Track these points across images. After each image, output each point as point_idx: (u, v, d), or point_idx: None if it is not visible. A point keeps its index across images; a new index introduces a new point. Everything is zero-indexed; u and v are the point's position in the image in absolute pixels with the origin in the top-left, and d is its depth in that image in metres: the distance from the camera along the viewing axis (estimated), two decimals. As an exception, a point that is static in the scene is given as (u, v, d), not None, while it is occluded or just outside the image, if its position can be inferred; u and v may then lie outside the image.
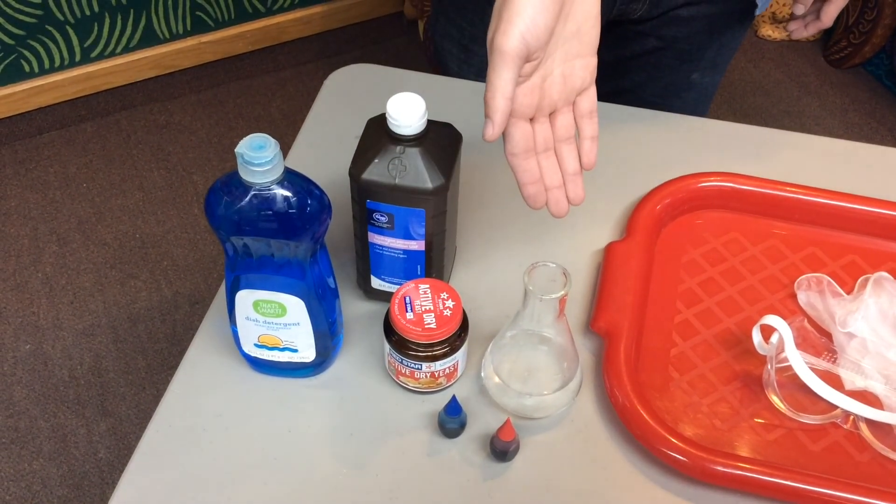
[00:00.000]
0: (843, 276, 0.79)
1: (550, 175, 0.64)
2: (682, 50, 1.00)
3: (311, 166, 0.83)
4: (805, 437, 0.69)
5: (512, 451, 0.67)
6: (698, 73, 1.03)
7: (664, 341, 0.75)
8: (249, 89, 2.12)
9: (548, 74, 0.62)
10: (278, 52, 2.18)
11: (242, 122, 2.04)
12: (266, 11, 2.10)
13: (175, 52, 2.08)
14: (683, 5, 0.95)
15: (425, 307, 0.67)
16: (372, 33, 2.23)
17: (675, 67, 1.02)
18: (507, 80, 0.58)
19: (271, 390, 0.71)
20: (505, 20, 0.57)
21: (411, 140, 0.65)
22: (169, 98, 2.09)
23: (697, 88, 1.06)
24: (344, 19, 2.17)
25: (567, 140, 0.65)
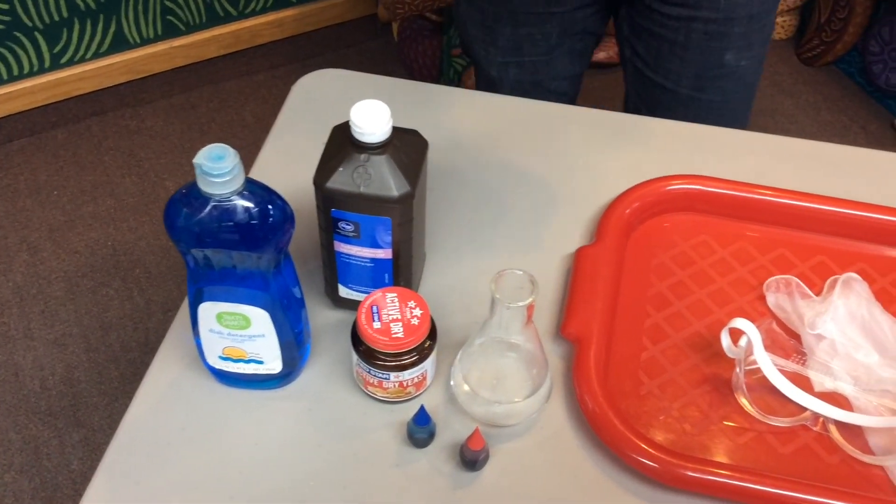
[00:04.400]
0: (813, 277, 0.79)
1: None
2: (708, 20, 0.96)
3: (278, 174, 0.82)
4: (775, 439, 0.69)
5: (481, 459, 0.66)
6: (731, 53, 0.99)
7: (634, 346, 0.75)
8: (222, 93, 2.10)
9: None
10: (251, 55, 2.16)
11: (215, 127, 2.02)
12: (238, 15, 2.09)
13: (146, 56, 2.05)
14: None
15: (393, 316, 0.66)
16: (345, 36, 2.21)
17: (705, 47, 0.99)
18: None
19: (237, 402, 0.70)
20: None
21: (376, 148, 0.64)
22: (140, 103, 2.07)
23: (735, 74, 1.02)
24: (317, 22, 2.15)
25: None
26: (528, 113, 0.95)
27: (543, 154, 0.91)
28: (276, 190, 0.78)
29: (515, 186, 0.87)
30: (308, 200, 0.75)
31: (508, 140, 0.92)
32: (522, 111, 0.95)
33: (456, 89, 1.01)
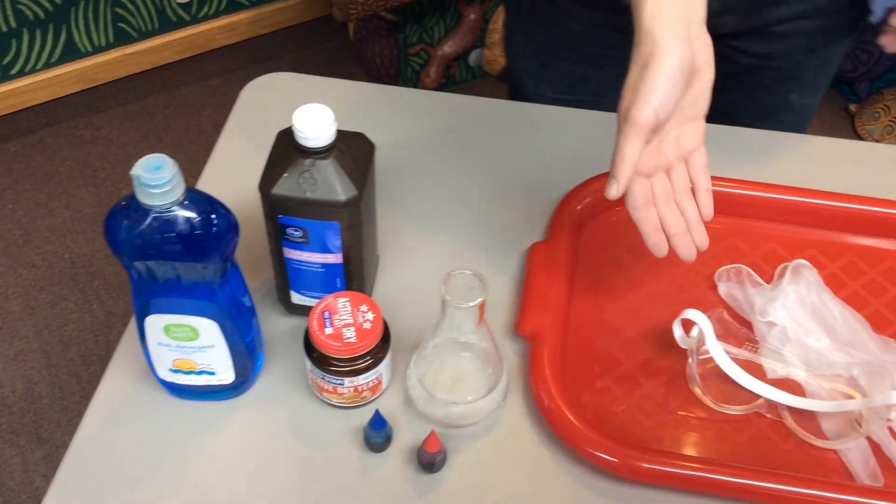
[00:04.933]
0: (763, 265, 0.80)
1: (673, 222, 0.69)
2: (779, 68, 0.96)
3: (227, 181, 0.81)
4: (730, 428, 0.69)
5: (439, 461, 0.66)
6: (797, 93, 0.99)
7: (590, 340, 0.75)
8: (178, 99, 2.08)
9: (664, 136, 0.68)
10: (206, 60, 2.14)
11: (172, 134, 2.00)
12: (191, 20, 2.06)
13: (99, 65, 2.03)
14: (779, 21, 0.90)
15: (345, 321, 0.66)
16: (301, 38, 2.20)
17: (772, 88, 0.99)
18: (635, 148, 0.64)
19: (191, 415, 0.69)
20: (641, 96, 0.63)
21: (321, 152, 0.63)
22: (95, 112, 2.04)
23: (797, 110, 1.02)
24: (271, 25, 2.14)
25: (685, 192, 0.70)
26: (480, 110, 0.95)
27: (496, 151, 0.90)
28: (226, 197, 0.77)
29: (469, 185, 0.87)
30: (259, 207, 0.74)
31: (461, 138, 0.92)
32: (474, 109, 0.95)
33: (407, 89, 1.00)
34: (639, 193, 0.67)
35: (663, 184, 0.69)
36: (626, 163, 0.64)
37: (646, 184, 0.68)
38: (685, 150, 0.69)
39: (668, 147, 0.68)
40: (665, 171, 0.69)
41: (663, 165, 0.69)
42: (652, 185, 0.68)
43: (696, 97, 0.67)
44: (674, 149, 0.68)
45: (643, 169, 0.67)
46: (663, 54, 0.62)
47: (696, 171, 0.70)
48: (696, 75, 0.65)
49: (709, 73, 0.66)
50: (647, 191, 0.68)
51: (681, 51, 0.62)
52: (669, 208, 0.69)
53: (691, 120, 0.68)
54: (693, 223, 0.70)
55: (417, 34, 1.97)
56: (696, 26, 0.64)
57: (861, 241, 0.82)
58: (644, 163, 0.66)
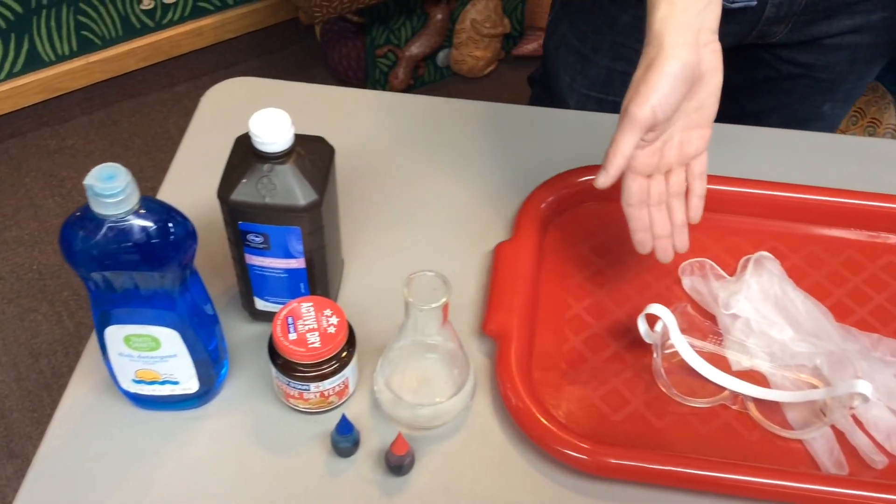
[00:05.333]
0: (726, 258, 0.81)
1: (660, 225, 0.71)
2: (819, 79, 0.97)
3: (189, 188, 0.81)
4: (696, 420, 0.70)
5: (407, 464, 0.66)
6: (830, 104, 1.00)
7: (556, 338, 0.75)
8: (144, 107, 2.06)
9: (668, 140, 0.69)
10: (172, 66, 2.12)
11: (139, 141, 1.98)
12: (155, 26, 2.04)
13: (63, 73, 2.00)
14: (829, 35, 0.91)
15: (309, 326, 0.65)
16: (268, 42, 2.19)
17: (807, 97, 0.99)
18: (629, 143, 0.66)
19: (156, 425, 0.69)
20: (642, 93, 0.65)
21: (279, 157, 0.63)
22: (60, 122, 2.02)
23: (826, 120, 1.02)
24: (237, 29, 2.12)
25: (678, 195, 0.72)
26: (443, 112, 0.95)
27: (461, 152, 0.90)
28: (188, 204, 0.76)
29: (435, 186, 0.87)
30: (221, 213, 0.73)
31: (425, 140, 0.92)
32: (438, 110, 0.95)
33: (370, 91, 1.00)
34: (634, 191, 0.69)
35: (659, 186, 0.71)
36: (619, 156, 0.66)
37: (643, 183, 0.70)
38: (687, 155, 0.70)
39: (670, 150, 0.70)
40: (664, 174, 0.71)
41: (663, 167, 0.70)
42: (649, 185, 0.70)
43: (702, 103, 0.68)
44: (676, 153, 0.70)
45: (643, 169, 0.69)
46: (667, 56, 0.64)
47: (695, 175, 0.71)
48: (700, 81, 0.66)
49: (715, 80, 0.67)
50: (642, 190, 0.70)
51: (686, 55, 0.64)
52: (660, 211, 0.71)
53: (697, 126, 0.69)
54: (678, 226, 0.72)
55: (384, 35, 1.97)
56: (706, 34, 0.65)
57: (822, 231, 0.83)
58: (645, 162, 0.68)
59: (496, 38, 2.10)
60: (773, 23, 0.90)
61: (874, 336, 0.74)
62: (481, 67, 2.12)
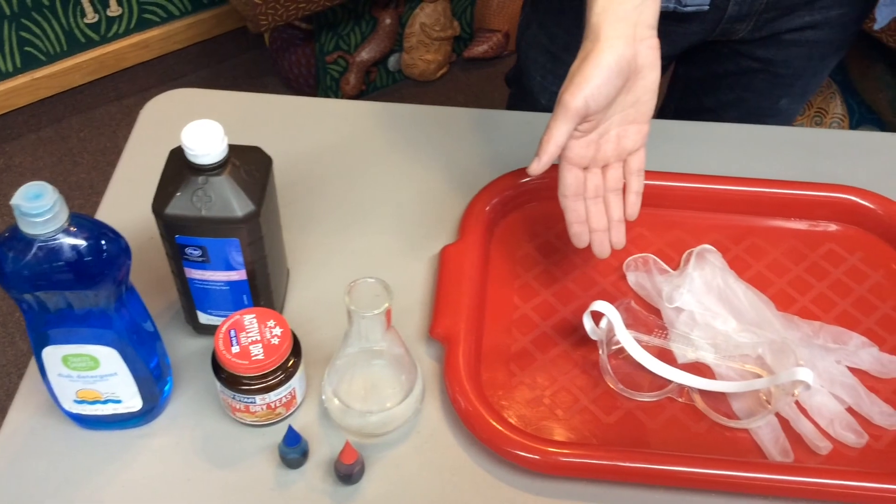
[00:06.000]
0: (670, 252, 0.81)
1: (596, 219, 0.72)
2: (777, 74, 0.98)
3: (129, 204, 0.80)
4: (643, 415, 0.70)
5: (357, 472, 0.65)
6: (787, 99, 1.02)
7: (504, 339, 0.75)
8: (93, 121, 2.03)
9: (604, 133, 0.70)
10: (119, 79, 2.09)
11: (88, 157, 1.95)
12: (101, 39, 2.01)
13: (7, 90, 1.96)
14: (789, 30, 0.93)
15: (252, 338, 0.65)
16: (217, 51, 2.17)
17: (766, 91, 1.00)
18: (563, 132, 0.67)
19: (101, 446, 0.68)
20: (576, 83, 0.66)
21: (213, 168, 0.62)
22: (6, 140, 1.98)
23: (783, 115, 1.04)
24: (184, 40, 2.10)
25: (615, 191, 0.72)
26: (387, 116, 0.95)
27: (407, 156, 0.90)
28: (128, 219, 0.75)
29: (379, 191, 0.87)
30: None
31: (370, 145, 0.91)
32: (382, 115, 0.95)
33: (314, 99, 1.00)
34: (570, 182, 0.70)
35: (595, 180, 0.71)
36: (551, 143, 0.67)
37: (579, 175, 0.70)
38: (624, 150, 0.71)
39: (607, 144, 0.70)
40: (602, 168, 0.71)
41: (600, 161, 0.71)
42: (585, 178, 0.70)
43: (638, 98, 0.68)
44: (613, 147, 0.70)
45: (578, 160, 0.69)
46: (603, 48, 0.65)
47: (632, 172, 0.72)
48: (637, 76, 0.67)
49: (652, 76, 0.68)
50: (578, 182, 0.70)
51: (622, 48, 0.65)
52: (596, 204, 0.72)
53: (634, 121, 0.70)
54: (615, 221, 0.72)
55: (334, 42, 1.96)
56: (643, 29, 0.66)
57: (764, 222, 0.84)
58: (580, 154, 0.69)
59: (446, 41, 2.10)
60: (736, 21, 0.91)
61: (816, 324, 0.75)
62: (433, 70, 2.13)
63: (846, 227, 0.83)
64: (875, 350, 0.74)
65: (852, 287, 0.79)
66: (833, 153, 0.91)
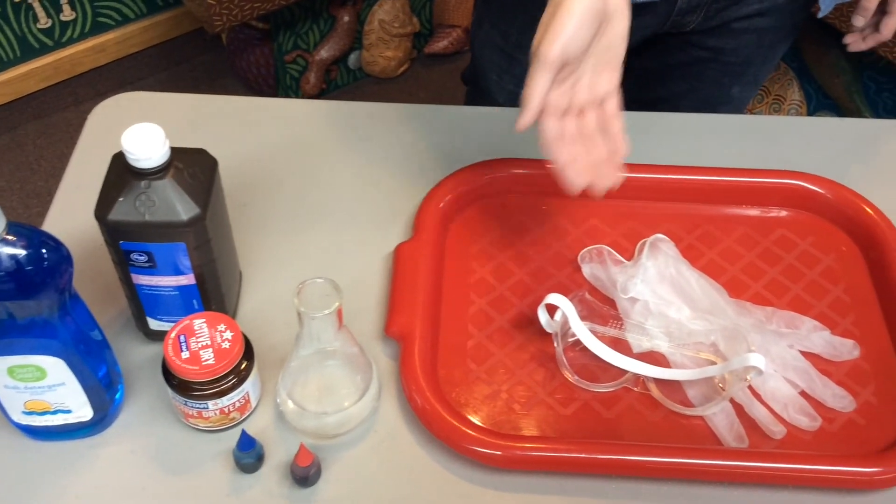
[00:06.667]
0: (624, 243, 0.82)
1: (581, 159, 0.71)
2: (727, 62, 0.99)
3: (77, 210, 0.78)
4: (600, 405, 0.71)
5: (313, 474, 0.65)
6: (738, 87, 1.03)
7: (460, 335, 0.75)
8: (49, 128, 2.00)
9: (577, 80, 0.70)
10: (75, 84, 2.06)
11: (45, 164, 1.92)
12: (55, 45, 1.98)
13: (-40, 99, 1.93)
14: (738, 19, 0.93)
15: (202, 343, 0.64)
16: (174, 53, 2.14)
17: (717, 80, 1.01)
18: (544, 82, 0.67)
19: (52, 457, 0.67)
20: (550, 32, 0.66)
21: (155, 172, 0.61)
22: (-39, 148, 1.95)
23: (734, 103, 1.05)
24: (140, 43, 2.07)
25: (595, 130, 0.72)
26: (340, 115, 0.94)
27: (362, 154, 0.90)
28: (77, 226, 0.74)
29: (334, 191, 0.86)
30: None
31: (323, 145, 0.91)
32: (334, 113, 0.94)
33: (267, 99, 0.99)
34: (550, 130, 0.70)
35: (573, 124, 0.72)
36: (535, 96, 0.67)
37: (557, 123, 0.71)
38: (598, 97, 0.71)
39: (581, 90, 0.70)
40: (577, 115, 0.71)
41: (575, 108, 0.71)
42: (563, 124, 0.71)
43: (610, 43, 0.69)
44: (587, 93, 0.71)
45: (557, 107, 0.70)
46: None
47: (609, 115, 0.72)
48: (608, 21, 0.67)
49: (622, 21, 0.68)
50: (558, 129, 0.71)
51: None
52: (578, 146, 0.71)
53: (606, 67, 0.70)
54: (601, 162, 0.72)
55: (292, 41, 1.94)
56: None
57: (715, 210, 0.84)
58: (558, 101, 0.69)
59: (406, 38, 2.10)
60: (687, 13, 0.92)
61: (768, 309, 0.76)
62: (394, 67, 2.12)
63: (797, 213, 0.84)
64: (827, 333, 0.74)
65: (804, 272, 0.80)
66: (787, 140, 0.92)
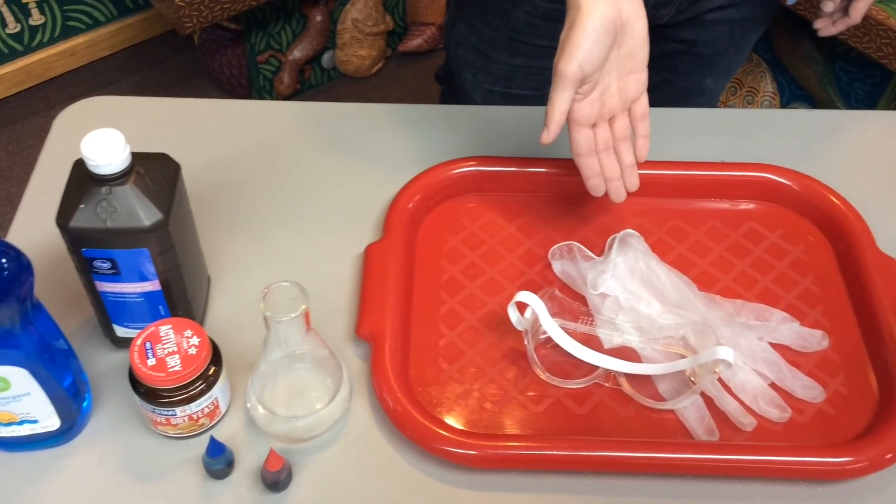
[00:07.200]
0: (595, 238, 0.82)
1: (610, 169, 0.75)
2: (699, 54, 1.00)
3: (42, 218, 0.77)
4: (571, 402, 0.71)
5: (284, 479, 0.65)
6: (712, 78, 1.04)
7: (432, 335, 0.75)
8: (21, 134, 1.98)
9: (605, 88, 0.72)
10: (47, 89, 2.04)
11: (17, 170, 1.90)
12: (25, 49, 1.96)
13: (-72, 106, 1.91)
14: (710, 10, 0.94)
15: (168, 349, 0.63)
16: (146, 56, 2.12)
17: (690, 72, 1.02)
18: (564, 99, 0.70)
19: (20, 467, 0.66)
20: (567, 50, 0.68)
21: (116, 178, 0.61)
22: (-70, 156, 1.92)
23: (708, 94, 1.06)
24: (112, 46, 2.05)
25: (624, 139, 0.75)
26: (309, 115, 0.94)
27: (333, 155, 0.89)
28: (42, 234, 0.73)
29: (304, 192, 0.86)
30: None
31: (294, 146, 0.90)
32: (304, 114, 0.94)
33: (233, 101, 0.98)
34: (581, 142, 0.73)
35: (604, 133, 0.75)
36: (556, 112, 0.70)
37: (589, 134, 0.73)
38: (628, 100, 0.74)
39: (610, 98, 0.73)
40: (608, 121, 0.74)
41: (606, 115, 0.74)
42: (595, 133, 0.74)
43: (632, 49, 0.71)
44: (617, 99, 0.73)
45: (586, 120, 0.73)
46: (587, 13, 0.67)
47: (637, 117, 0.75)
48: (625, 29, 0.69)
49: (640, 25, 0.70)
50: (589, 140, 0.74)
51: (604, 8, 0.67)
52: (608, 156, 0.75)
53: (632, 71, 0.72)
54: (627, 167, 0.76)
55: (264, 41, 1.93)
56: None
57: (685, 204, 0.85)
58: (586, 114, 0.72)
59: (380, 36, 2.09)
60: (660, 6, 0.92)
61: (737, 302, 0.76)
62: (368, 66, 2.11)
63: (766, 205, 0.84)
64: (796, 325, 0.75)
65: (773, 264, 0.80)
66: (757, 132, 0.92)
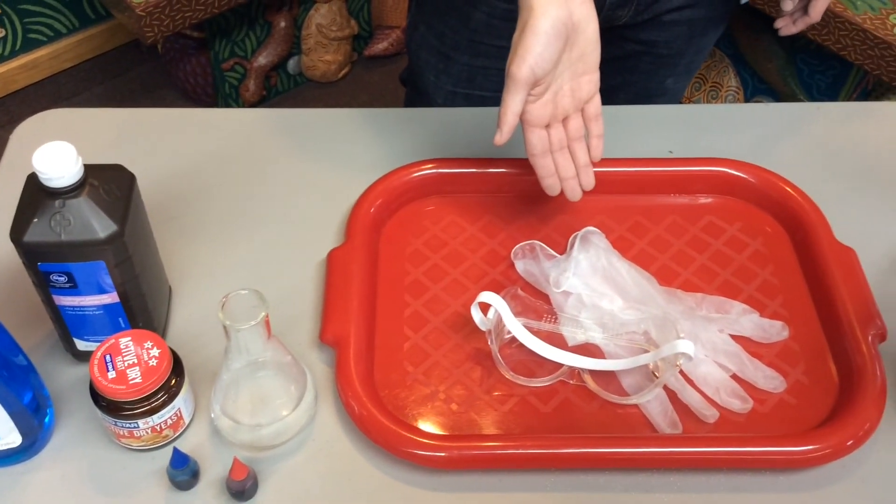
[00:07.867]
0: (557, 237, 0.82)
1: (565, 168, 0.77)
2: (659, 55, 1.00)
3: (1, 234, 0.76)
4: (537, 400, 0.71)
5: (249, 488, 0.64)
6: (673, 78, 1.05)
7: (396, 338, 0.75)
8: (-16, 148, 1.95)
9: (558, 90, 0.74)
10: (9, 103, 2.02)
11: (-19, 185, 1.88)
12: (-15, 62, 1.94)
13: None
14: (668, 11, 0.95)
15: (129, 361, 0.63)
16: (110, 66, 2.11)
17: (651, 72, 1.03)
18: (517, 101, 0.71)
19: (-20, 486, 0.65)
20: (519, 53, 0.70)
21: (69, 191, 0.60)
22: None
23: (669, 94, 1.06)
24: (74, 57, 2.04)
25: (578, 139, 0.77)
26: (271, 122, 0.93)
27: (295, 161, 0.89)
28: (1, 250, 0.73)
29: (266, 200, 0.86)
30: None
31: (255, 154, 0.90)
32: (265, 121, 0.93)
33: (194, 110, 0.98)
34: (536, 142, 0.74)
35: (559, 134, 0.76)
36: (509, 114, 0.71)
37: (543, 134, 0.75)
38: (581, 101, 0.75)
39: (563, 98, 0.74)
40: (562, 121, 0.75)
41: (560, 115, 0.75)
42: (549, 134, 0.75)
43: (584, 51, 0.72)
44: (570, 100, 0.75)
45: (539, 121, 0.74)
46: (538, 16, 0.68)
47: (591, 118, 0.76)
48: (576, 32, 0.70)
49: (591, 27, 0.71)
50: (543, 140, 0.75)
51: (555, 11, 0.68)
52: (563, 155, 0.76)
53: (584, 73, 0.74)
54: (582, 166, 0.77)
55: (229, 49, 1.93)
56: None
57: (645, 200, 0.85)
58: (539, 115, 0.73)
59: (345, 41, 2.09)
60: (618, 7, 0.93)
61: (698, 295, 0.77)
62: (334, 71, 2.11)
63: (724, 199, 0.85)
64: (756, 316, 0.76)
65: (732, 256, 0.81)
66: (718, 127, 0.93)
